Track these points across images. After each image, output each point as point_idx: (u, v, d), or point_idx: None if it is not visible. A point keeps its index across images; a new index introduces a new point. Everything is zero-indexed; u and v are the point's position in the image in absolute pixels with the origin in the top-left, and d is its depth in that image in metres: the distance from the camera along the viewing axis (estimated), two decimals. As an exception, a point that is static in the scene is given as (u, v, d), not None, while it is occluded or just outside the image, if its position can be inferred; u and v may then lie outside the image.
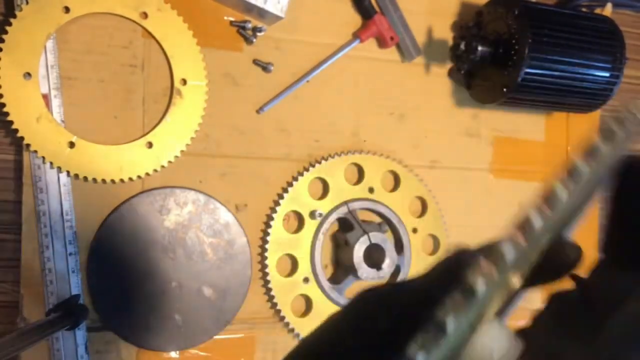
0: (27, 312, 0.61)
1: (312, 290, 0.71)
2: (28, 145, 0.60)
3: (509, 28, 0.70)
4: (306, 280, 0.71)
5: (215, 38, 0.68)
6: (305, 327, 0.70)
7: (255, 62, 0.70)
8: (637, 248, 0.24)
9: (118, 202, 0.64)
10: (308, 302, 0.71)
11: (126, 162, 0.63)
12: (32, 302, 0.61)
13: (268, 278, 0.69)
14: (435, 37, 0.78)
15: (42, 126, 0.60)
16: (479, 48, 0.72)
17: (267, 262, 0.69)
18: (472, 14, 0.77)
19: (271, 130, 0.71)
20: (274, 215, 0.69)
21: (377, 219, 0.75)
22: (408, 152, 0.77)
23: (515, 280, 0.20)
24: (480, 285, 0.20)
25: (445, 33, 0.79)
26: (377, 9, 0.74)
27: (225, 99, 0.69)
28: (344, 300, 0.72)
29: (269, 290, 0.69)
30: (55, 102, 0.61)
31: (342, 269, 0.73)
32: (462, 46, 0.74)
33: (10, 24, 0.59)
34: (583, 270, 0.24)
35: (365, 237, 0.69)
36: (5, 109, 0.59)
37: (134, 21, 0.64)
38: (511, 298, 0.23)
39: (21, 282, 0.61)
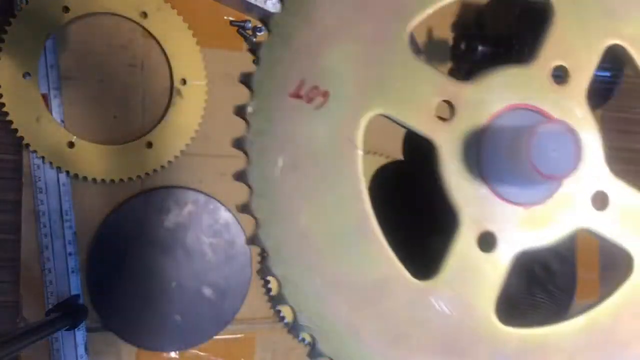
0: (27, 312, 0.61)
1: (312, 290, 0.71)
2: (28, 145, 0.60)
3: (510, 28, 0.70)
4: (306, 280, 0.70)
5: (215, 38, 0.68)
6: (305, 327, 0.70)
7: (256, 62, 0.69)
8: None
9: (118, 202, 0.64)
10: (308, 302, 0.71)
11: (126, 162, 0.63)
12: (32, 302, 0.61)
13: (268, 278, 0.69)
14: (435, 37, 0.78)
15: (41, 126, 0.60)
16: (479, 48, 0.72)
17: (267, 262, 0.69)
18: (472, 14, 0.77)
19: (271, 130, 0.71)
20: (274, 215, 0.69)
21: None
22: (408, 152, 0.77)
23: None
24: None
25: (445, 33, 0.79)
26: (377, 8, 0.74)
27: (225, 99, 0.68)
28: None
29: (269, 290, 0.69)
30: (55, 102, 0.61)
31: (342, 269, 0.73)
32: (462, 46, 0.74)
33: (10, 24, 0.59)
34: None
35: (365, 237, 0.69)
36: (5, 109, 0.59)
37: (133, 21, 0.64)
38: None
39: (21, 282, 0.61)
